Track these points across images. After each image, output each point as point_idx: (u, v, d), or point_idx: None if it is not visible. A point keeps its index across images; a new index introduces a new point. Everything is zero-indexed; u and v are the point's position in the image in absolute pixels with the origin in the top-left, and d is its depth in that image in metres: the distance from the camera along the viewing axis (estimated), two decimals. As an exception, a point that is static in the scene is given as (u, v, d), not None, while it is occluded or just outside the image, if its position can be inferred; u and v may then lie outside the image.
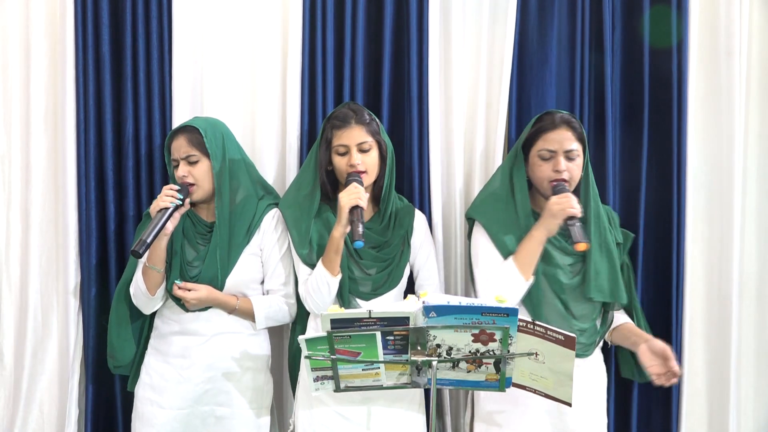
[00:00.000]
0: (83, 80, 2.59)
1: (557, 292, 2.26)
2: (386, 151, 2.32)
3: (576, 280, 2.27)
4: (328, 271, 2.22)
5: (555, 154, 2.24)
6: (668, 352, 2.20)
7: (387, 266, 2.32)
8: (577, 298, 2.27)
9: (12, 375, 2.68)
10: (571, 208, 2.14)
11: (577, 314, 2.27)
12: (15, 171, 2.67)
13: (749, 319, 2.75)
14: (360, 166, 2.25)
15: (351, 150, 2.26)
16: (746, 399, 2.76)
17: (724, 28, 2.67)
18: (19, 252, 2.67)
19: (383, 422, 2.26)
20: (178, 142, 2.33)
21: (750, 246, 2.74)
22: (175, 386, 2.34)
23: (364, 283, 2.31)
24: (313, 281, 2.24)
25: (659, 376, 2.21)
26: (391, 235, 2.34)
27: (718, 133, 2.70)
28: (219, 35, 2.66)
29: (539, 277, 2.25)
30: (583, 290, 2.27)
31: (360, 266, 2.31)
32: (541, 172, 2.27)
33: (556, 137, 2.25)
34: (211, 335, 2.35)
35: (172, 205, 2.22)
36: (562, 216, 2.15)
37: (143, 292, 2.30)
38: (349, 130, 2.28)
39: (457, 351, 1.93)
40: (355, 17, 2.62)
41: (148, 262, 2.27)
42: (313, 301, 2.25)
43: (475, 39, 2.69)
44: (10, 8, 2.64)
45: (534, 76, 2.68)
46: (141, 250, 2.14)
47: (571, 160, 2.24)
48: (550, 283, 2.26)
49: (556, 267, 2.26)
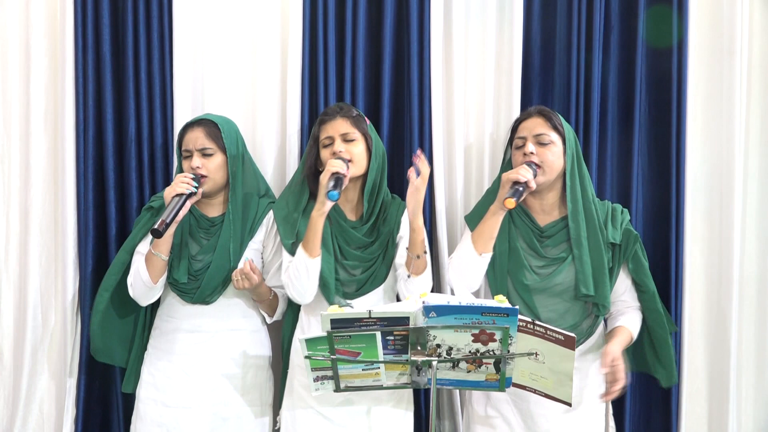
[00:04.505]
0: (83, 80, 2.59)
1: (520, 293, 2.27)
2: (373, 147, 2.32)
3: (543, 282, 2.26)
4: (307, 253, 2.21)
5: (525, 140, 2.27)
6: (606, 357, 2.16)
7: (370, 266, 2.32)
8: (545, 301, 2.27)
9: (11, 374, 2.68)
10: (515, 174, 2.17)
11: (544, 316, 2.24)
12: (14, 170, 2.67)
13: (749, 319, 2.74)
14: (344, 153, 2.25)
15: (335, 139, 2.27)
16: (746, 399, 2.76)
17: (725, 28, 2.67)
18: (18, 251, 2.67)
19: (368, 422, 2.26)
20: (195, 134, 2.33)
21: (750, 246, 2.74)
22: (180, 384, 2.34)
23: (349, 284, 2.31)
24: (293, 265, 2.24)
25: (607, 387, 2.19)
26: (377, 235, 2.34)
27: (718, 133, 2.70)
28: (219, 35, 2.66)
29: (505, 275, 2.27)
30: (556, 291, 2.26)
31: (345, 267, 2.31)
32: (515, 161, 2.30)
33: (528, 125, 2.29)
34: (214, 332, 2.36)
35: (188, 191, 2.23)
36: (508, 183, 2.18)
37: (144, 281, 2.29)
38: (333, 122, 2.30)
39: (457, 351, 1.93)
40: (356, 16, 2.61)
41: (154, 249, 2.27)
42: (294, 287, 2.24)
43: (479, 40, 2.68)
44: (9, 7, 2.64)
45: (537, 76, 2.69)
46: (162, 229, 2.14)
47: (542, 145, 2.25)
48: (513, 282, 2.28)
49: (522, 267, 2.27)
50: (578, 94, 2.64)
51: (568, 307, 2.28)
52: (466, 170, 2.69)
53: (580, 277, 2.24)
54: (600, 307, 2.27)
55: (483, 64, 2.68)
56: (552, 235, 2.30)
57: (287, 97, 2.62)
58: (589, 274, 2.25)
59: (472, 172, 2.69)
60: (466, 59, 2.69)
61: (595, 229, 2.28)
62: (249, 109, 2.67)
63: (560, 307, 2.27)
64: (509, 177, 2.19)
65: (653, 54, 2.68)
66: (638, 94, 2.66)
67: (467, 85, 2.69)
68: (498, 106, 2.68)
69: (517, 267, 2.28)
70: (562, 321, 2.25)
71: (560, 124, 2.29)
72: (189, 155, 2.33)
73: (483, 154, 2.68)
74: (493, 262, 2.28)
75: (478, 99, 2.69)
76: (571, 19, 2.64)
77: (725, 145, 2.68)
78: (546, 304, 2.27)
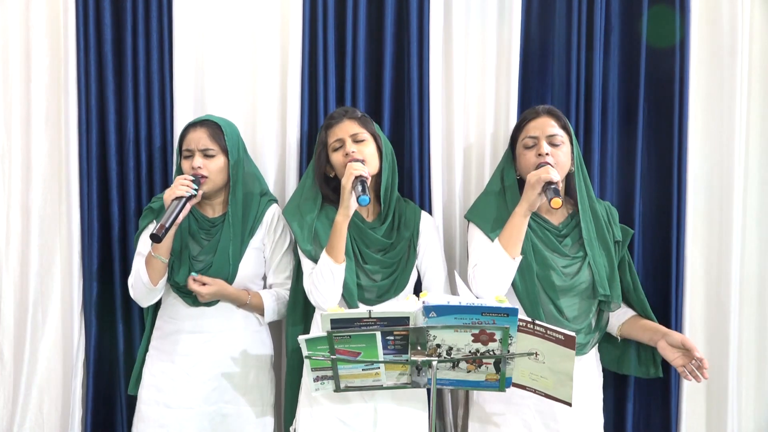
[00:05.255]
0: (85, 80, 2.59)
1: (550, 295, 2.26)
2: (383, 147, 2.32)
3: (570, 282, 2.26)
4: (332, 259, 2.18)
5: (537, 140, 2.26)
6: (688, 343, 2.23)
7: (392, 273, 2.31)
8: (569, 301, 2.27)
9: (12, 375, 2.68)
10: (546, 174, 2.13)
11: (570, 316, 2.26)
12: (15, 170, 2.67)
13: (749, 320, 2.74)
14: (356, 154, 2.24)
15: (346, 141, 2.27)
16: (746, 399, 2.76)
17: (725, 28, 2.67)
18: (19, 251, 2.68)
19: (385, 421, 2.25)
20: (197, 134, 2.33)
21: (750, 246, 2.74)
22: (182, 385, 2.34)
23: (370, 290, 2.29)
24: (318, 271, 2.21)
25: (685, 370, 2.25)
26: (396, 238, 2.33)
27: (719, 132, 2.69)
28: (219, 35, 2.66)
29: (534, 279, 2.25)
30: (580, 290, 2.27)
31: (366, 272, 2.30)
32: (526, 161, 2.27)
33: (538, 124, 2.28)
34: (216, 332, 2.36)
35: (188, 194, 2.22)
36: (539, 184, 2.13)
37: (144, 283, 2.29)
38: (341, 124, 2.30)
39: (457, 351, 1.93)
40: (356, 16, 2.61)
41: (154, 251, 2.26)
42: (318, 293, 2.20)
43: (479, 39, 2.68)
44: (11, 7, 2.64)
45: (536, 76, 2.69)
46: (161, 234, 2.15)
47: (555, 146, 2.25)
48: (543, 285, 2.26)
49: (549, 269, 2.26)
50: (578, 94, 2.64)
51: (587, 306, 2.30)
52: (465, 170, 2.69)
53: (597, 278, 2.25)
54: (610, 304, 2.31)
55: (483, 64, 2.68)
56: (568, 234, 2.31)
57: (287, 98, 2.62)
58: (603, 274, 2.27)
59: (472, 172, 2.69)
60: (466, 59, 2.69)
61: (602, 228, 2.30)
62: (249, 108, 2.67)
63: (580, 305, 2.29)
64: (540, 177, 2.13)
65: (655, 54, 2.68)
66: (640, 94, 2.66)
67: (467, 85, 2.69)
68: (498, 105, 2.68)
69: (544, 268, 2.26)
70: (584, 319, 2.27)
71: (567, 123, 2.30)
72: (190, 155, 2.33)
73: (483, 153, 2.68)
74: (519, 266, 2.24)
75: (478, 99, 2.69)
76: (570, 19, 2.64)
77: (725, 144, 2.68)
78: (570, 304, 2.27)
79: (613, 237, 2.33)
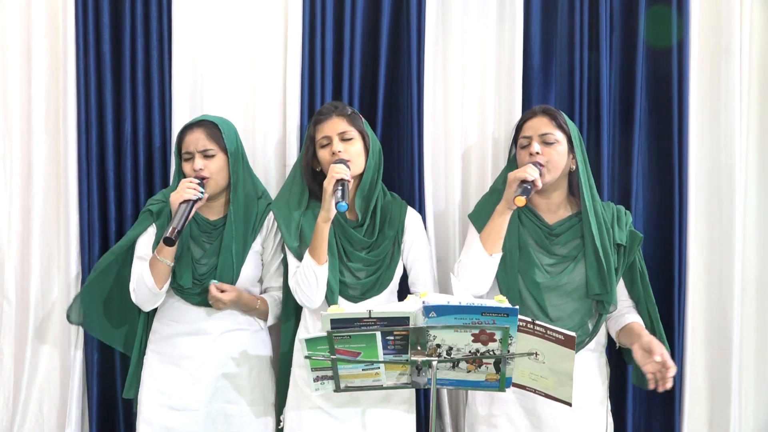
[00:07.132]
0: (84, 80, 2.59)
1: (532, 292, 2.26)
2: (371, 145, 2.32)
3: (554, 281, 2.26)
4: (314, 260, 2.20)
5: (530, 140, 2.26)
6: (652, 345, 2.12)
7: (376, 270, 2.31)
8: (555, 300, 2.26)
9: (12, 375, 2.68)
10: (522, 173, 2.15)
11: (553, 315, 2.25)
12: (16, 170, 2.68)
13: (750, 320, 2.74)
14: (343, 154, 2.24)
15: (333, 139, 2.27)
16: (747, 400, 2.75)
17: (724, 28, 2.67)
18: (19, 251, 2.68)
19: (372, 423, 2.26)
20: (195, 135, 2.32)
21: (751, 246, 2.73)
22: (186, 387, 2.34)
23: (354, 287, 2.30)
24: (301, 272, 2.23)
25: (653, 377, 2.13)
26: (380, 236, 2.33)
27: (718, 133, 2.69)
28: (219, 34, 2.66)
29: (516, 274, 2.26)
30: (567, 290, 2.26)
31: (350, 270, 2.30)
32: (521, 160, 2.29)
33: (533, 124, 2.29)
34: (218, 334, 2.36)
35: (195, 197, 2.22)
36: (515, 182, 2.16)
37: (149, 287, 2.27)
38: (329, 121, 2.29)
39: (457, 351, 1.93)
40: (354, 17, 2.62)
41: (159, 254, 2.25)
42: (302, 293, 2.23)
43: (479, 39, 2.68)
44: (10, 8, 2.64)
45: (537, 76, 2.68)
46: (175, 237, 2.14)
47: (547, 144, 2.25)
48: (525, 281, 2.26)
49: (533, 265, 2.26)
50: (581, 94, 2.64)
51: (577, 307, 2.27)
52: (464, 170, 2.69)
53: (591, 277, 2.25)
54: (606, 306, 2.28)
55: (483, 64, 2.68)
56: (561, 234, 2.30)
57: (287, 97, 2.63)
58: (595, 275, 2.25)
59: (472, 172, 2.69)
60: (464, 58, 2.68)
61: (602, 229, 2.29)
62: (248, 108, 2.67)
63: (569, 306, 2.27)
64: (516, 176, 2.17)
65: (653, 54, 2.68)
66: (638, 94, 2.66)
67: (465, 84, 2.68)
68: (499, 105, 2.68)
69: (528, 265, 2.27)
70: (570, 320, 2.25)
71: (565, 122, 2.29)
72: (190, 157, 2.32)
73: (485, 154, 2.67)
74: (503, 262, 2.26)
75: (479, 98, 2.68)
76: (573, 18, 2.64)
77: (725, 144, 2.68)
78: (556, 303, 2.26)
79: (613, 239, 2.29)
